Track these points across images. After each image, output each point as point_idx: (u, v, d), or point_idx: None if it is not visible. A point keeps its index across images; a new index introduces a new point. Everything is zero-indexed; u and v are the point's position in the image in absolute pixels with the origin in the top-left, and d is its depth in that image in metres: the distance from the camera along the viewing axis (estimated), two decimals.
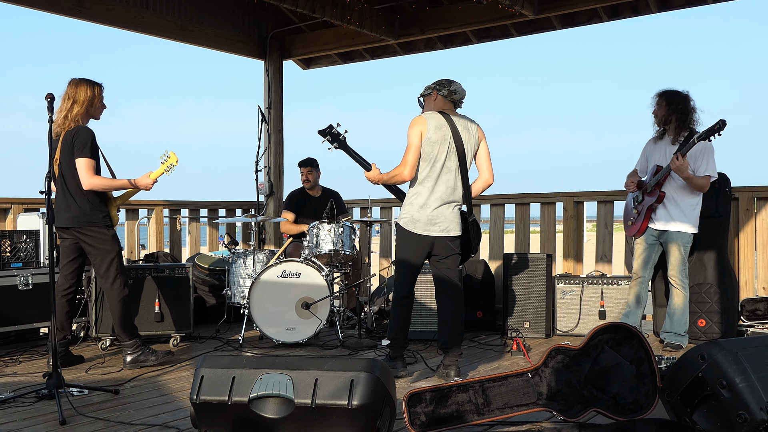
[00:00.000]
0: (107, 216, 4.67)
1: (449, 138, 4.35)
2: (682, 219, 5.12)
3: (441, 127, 4.35)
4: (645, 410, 3.29)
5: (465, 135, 4.41)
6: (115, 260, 4.66)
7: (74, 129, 4.54)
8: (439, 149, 4.34)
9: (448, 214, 4.40)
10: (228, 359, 3.04)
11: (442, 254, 4.45)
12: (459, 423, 3.26)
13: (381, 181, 4.53)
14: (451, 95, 4.46)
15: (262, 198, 7.89)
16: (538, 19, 6.93)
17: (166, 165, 4.80)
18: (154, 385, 4.34)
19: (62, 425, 3.48)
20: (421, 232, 4.38)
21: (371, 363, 2.93)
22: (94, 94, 4.65)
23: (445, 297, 4.49)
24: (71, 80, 4.64)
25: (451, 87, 4.46)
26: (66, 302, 4.74)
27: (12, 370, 4.73)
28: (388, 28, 7.45)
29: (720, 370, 2.87)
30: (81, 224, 4.58)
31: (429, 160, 4.35)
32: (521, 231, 6.82)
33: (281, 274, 5.47)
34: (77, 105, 4.58)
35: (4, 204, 6.06)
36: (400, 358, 4.50)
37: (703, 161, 5.05)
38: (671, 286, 5.21)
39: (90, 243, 4.62)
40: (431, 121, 4.36)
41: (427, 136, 4.33)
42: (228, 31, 7.68)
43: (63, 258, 4.75)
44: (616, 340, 3.42)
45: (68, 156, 4.54)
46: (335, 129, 4.72)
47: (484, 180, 4.54)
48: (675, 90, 5.21)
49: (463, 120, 4.46)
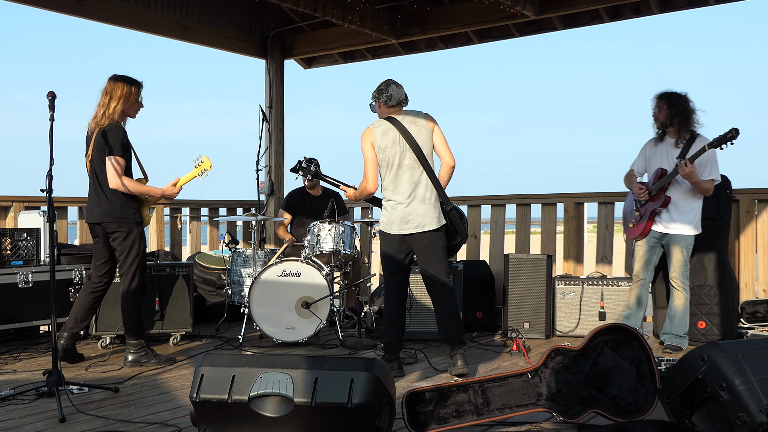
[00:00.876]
0: (138, 212, 4.70)
1: (398, 138, 4.47)
2: (684, 221, 5.12)
3: (387, 132, 4.48)
4: (644, 411, 3.29)
5: (414, 129, 4.49)
6: (138, 259, 4.69)
7: (106, 126, 4.58)
8: (392, 152, 4.47)
9: (420, 210, 4.47)
10: (228, 358, 3.04)
11: (422, 251, 4.52)
12: (458, 423, 3.26)
13: (356, 198, 4.77)
14: (388, 101, 4.57)
15: (263, 197, 7.89)
16: (539, 20, 6.93)
17: (199, 169, 4.83)
18: (154, 383, 4.34)
19: (62, 423, 3.49)
20: (396, 231, 4.50)
21: (371, 362, 2.93)
22: (131, 91, 4.68)
23: (435, 295, 4.57)
24: (111, 76, 4.70)
25: (387, 92, 4.56)
26: (93, 298, 4.80)
27: (12, 368, 4.74)
28: (390, 27, 7.46)
29: (720, 372, 2.87)
30: (111, 219, 4.62)
31: (387, 165, 4.49)
32: (522, 232, 6.82)
33: (281, 273, 5.48)
34: (114, 101, 4.62)
35: (5, 202, 6.07)
36: (395, 360, 4.55)
37: (708, 167, 5.05)
38: (672, 288, 5.21)
39: (117, 238, 4.65)
40: (377, 130, 4.51)
41: (377, 145, 4.48)
42: (229, 30, 7.68)
43: (96, 259, 4.81)
44: (615, 341, 3.43)
45: (100, 153, 4.58)
46: (304, 164, 5.16)
47: (446, 164, 4.59)
48: (675, 92, 5.20)
49: (409, 116, 4.55)
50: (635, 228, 5.31)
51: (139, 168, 4.81)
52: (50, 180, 3.93)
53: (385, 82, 4.60)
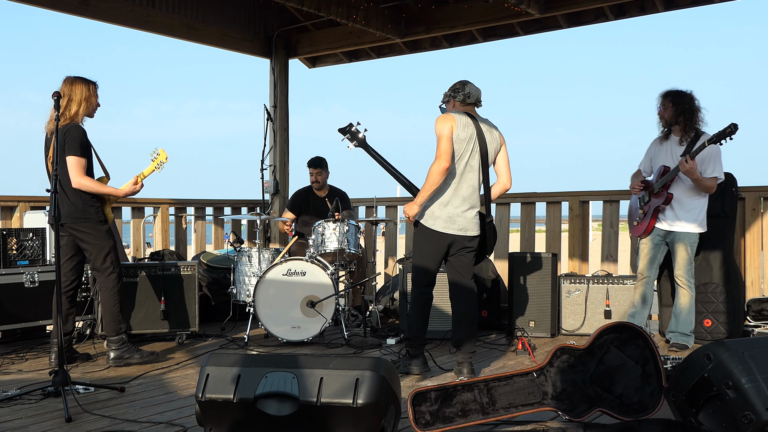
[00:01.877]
0: (100, 211, 4.68)
1: (475, 137, 4.37)
2: (688, 219, 5.11)
3: (468, 126, 4.37)
4: (650, 410, 3.29)
5: (488, 136, 4.43)
6: (110, 254, 4.67)
7: (65, 126, 4.54)
8: (465, 147, 4.35)
9: (468, 215, 4.40)
10: (233, 357, 3.05)
11: (458, 252, 4.45)
12: (464, 422, 3.26)
13: (422, 201, 4.39)
14: (466, 99, 4.47)
15: (268, 196, 7.90)
16: (543, 18, 6.91)
17: (156, 162, 4.81)
18: (159, 383, 4.35)
19: (68, 422, 3.49)
20: (440, 229, 4.39)
21: (376, 362, 2.93)
22: (90, 92, 4.66)
23: (459, 297, 4.49)
24: (66, 78, 4.65)
25: (465, 90, 4.47)
26: (67, 299, 4.73)
27: (18, 368, 4.75)
28: (394, 26, 7.45)
29: (726, 370, 2.86)
30: (74, 220, 4.60)
31: (455, 158, 4.35)
32: (527, 230, 6.82)
33: (286, 272, 5.48)
34: (74, 103, 4.59)
35: (11, 202, 6.08)
36: (420, 356, 4.50)
37: (710, 163, 5.03)
38: (677, 286, 5.20)
39: (84, 239, 4.64)
40: (459, 119, 4.36)
41: (456, 133, 4.31)
42: (234, 29, 7.69)
43: (62, 256, 4.74)
44: (621, 339, 3.42)
45: (60, 154, 4.55)
46: (355, 127, 4.77)
47: (502, 184, 4.56)
48: (680, 90, 5.19)
49: (486, 123, 4.49)
50: (639, 226, 5.30)
51: (101, 167, 4.79)
52: (56, 179, 3.94)
53: (461, 82, 4.50)
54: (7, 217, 6.08)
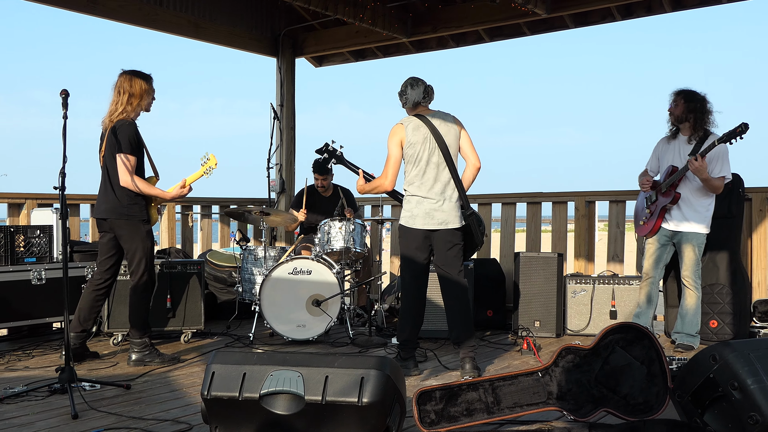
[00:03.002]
0: (145, 210, 4.68)
1: (428, 135, 4.46)
2: (696, 219, 5.09)
3: (418, 128, 4.48)
4: (655, 411, 3.28)
5: (443, 128, 4.50)
6: (146, 257, 4.67)
7: (118, 123, 4.58)
8: (421, 148, 4.45)
9: (446, 207, 4.46)
10: (239, 355, 3.05)
11: (442, 248, 4.49)
12: (469, 421, 3.26)
13: (364, 191, 4.75)
14: (406, 104, 4.58)
15: (274, 195, 7.91)
16: (550, 18, 6.90)
17: (206, 167, 4.83)
18: (165, 380, 4.36)
19: (74, 419, 3.51)
20: (420, 226, 4.46)
21: (381, 361, 2.94)
22: (149, 86, 4.70)
23: (449, 295, 4.53)
24: (124, 73, 4.68)
25: (405, 95, 4.57)
26: (96, 296, 4.76)
27: (25, 365, 4.77)
28: (401, 26, 7.45)
29: (732, 371, 2.86)
30: (117, 216, 4.61)
31: (414, 161, 4.47)
32: (532, 230, 6.81)
33: (292, 271, 5.49)
34: (135, 98, 4.63)
35: (18, 199, 6.11)
36: (411, 358, 4.53)
37: (718, 163, 5.02)
38: (684, 287, 5.19)
39: (123, 236, 4.65)
40: (408, 125, 4.50)
41: (408, 140, 4.47)
42: (241, 28, 7.70)
43: (101, 254, 4.79)
44: (626, 340, 3.42)
45: (111, 150, 4.59)
46: (330, 146, 5.11)
47: (472, 165, 4.61)
48: (693, 90, 5.18)
49: (438, 116, 4.56)
50: (645, 225, 5.29)
51: (151, 167, 4.81)
52: (63, 177, 3.95)
53: (403, 84, 4.59)
54: (14, 214, 6.10)
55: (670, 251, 5.29)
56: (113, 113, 4.62)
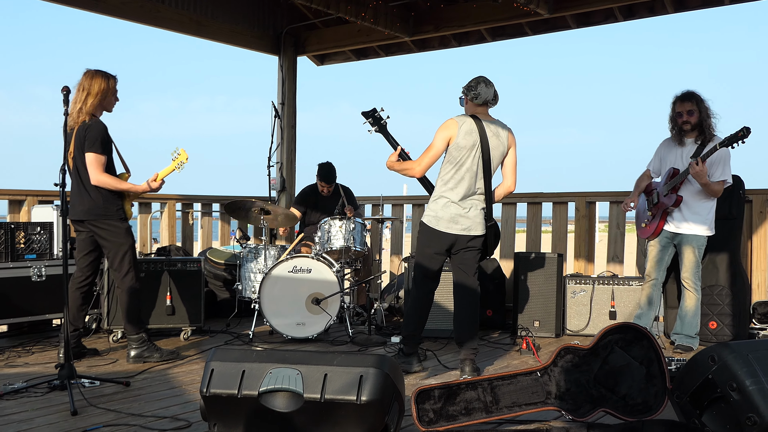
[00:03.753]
0: (121, 209, 4.68)
1: (477, 144, 4.38)
2: (697, 221, 5.09)
3: (471, 133, 4.38)
4: (654, 411, 3.28)
5: (494, 141, 4.42)
6: (128, 253, 4.67)
7: (87, 123, 4.56)
8: (466, 154, 4.38)
9: (472, 215, 4.43)
10: (238, 353, 3.06)
11: (460, 251, 4.47)
12: (467, 420, 3.26)
13: (392, 168, 4.62)
14: (475, 99, 4.46)
15: (274, 193, 7.91)
16: (553, 18, 6.91)
17: (177, 162, 4.81)
18: (164, 377, 4.37)
19: (74, 416, 3.51)
20: (443, 229, 4.42)
21: (380, 359, 2.94)
22: (108, 86, 4.65)
23: (461, 296, 4.51)
24: (86, 71, 4.66)
25: (476, 90, 4.45)
26: (80, 295, 4.75)
27: (24, 361, 4.78)
28: (403, 25, 7.45)
29: (730, 372, 2.86)
30: (95, 217, 4.60)
31: (456, 163, 4.39)
32: (533, 230, 6.82)
33: (292, 269, 5.49)
34: (91, 97, 4.59)
35: (19, 196, 6.11)
36: (414, 354, 4.53)
37: (719, 167, 5.01)
38: (684, 288, 5.19)
39: (103, 236, 4.64)
40: (463, 126, 4.38)
41: (456, 141, 4.36)
42: (242, 26, 7.70)
43: (79, 251, 4.77)
44: (626, 340, 3.42)
45: (81, 150, 4.56)
46: (378, 113, 4.80)
47: (506, 186, 4.57)
48: (701, 95, 5.16)
49: (495, 125, 4.47)
50: (648, 227, 5.29)
51: (122, 163, 4.80)
52: (64, 174, 3.95)
53: (475, 79, 4.48)
54: (15, 211, 6.11)
55: (672, 253, 5.29)
56: (73, 112, 4.57)
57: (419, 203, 7.32)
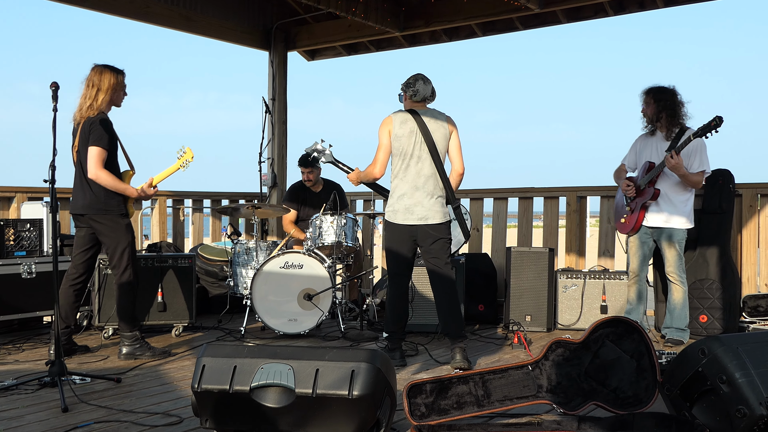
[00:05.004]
0: (122, 204, 4.66)
1: (416, 130, 4.51)
2: (676, 215, 5.12)
3: (406, 122, 4.53)
4: (644, 404, 3.30)
5: (432, 125, 4.55)
6: (127, 250, 4.65)
7: (93, 117, 4.54)
8: (406, 142, 4.50)
9: (426, 203, 4.51)
10: (230, 349, 3.05)
11: (426, 243, 4.55)
12: (459, 414, 3.27)
13: (359, 180, 4.81)
14: (413, 96, 4.59)
15: (266, 189, 7.89)
16: (543, 13, 6.90)
17: (182, 161, 4.80)
18: (156, 373, 4.36)
19: (64, 413, 3.50)
20: (401, 221, 4.53)
21: (372, 354, 2.94)
22: (117, 81, 4.66)
23: (437, 288, 4.60)
24: (95, 67, 4.64)
25: (414, 87, 4.59)
26: (73, 292, 4.72)
27: (15, 358, 4.76)
28: (393, 20, 7.44)
29: (720, 365, 2.87)
30: (95, 211, 4.59)
31: (399, 154, 4.52)
32: (524, 225, 6.83)
33: (284, 265, 5.49)
34: (102, 92, 4.58)
35: (8, 192, 6.08)
36: (397, 350, 4.58)
37: (696, 158, 5.05)
38: (669, 283, 5.22)
39: (103, 231, 4.62)
40: (396, 118, 4.56)
41: (394, 133, 4.52)
42: (232, 21, 7.67)
43: (77, 247, 4.75)
44: (616, 334, 3.43)
45: (85, 144, 4.55)
46: (320, 145, 5.23)
47: (455, 170, 4.66)
48: (662, 86, 5.20)
49: (431, 112, 4.61)
50: (627, 222, 5.30)
51: (127, 161, 4.78)
52: (53, 171, 3.93)
53: (413, 77, 4.62)
54: (4, 208, 6.08)
55: (653, 247, 5.31)
56: (83, 107, 4.57)
57: None
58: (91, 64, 4.66)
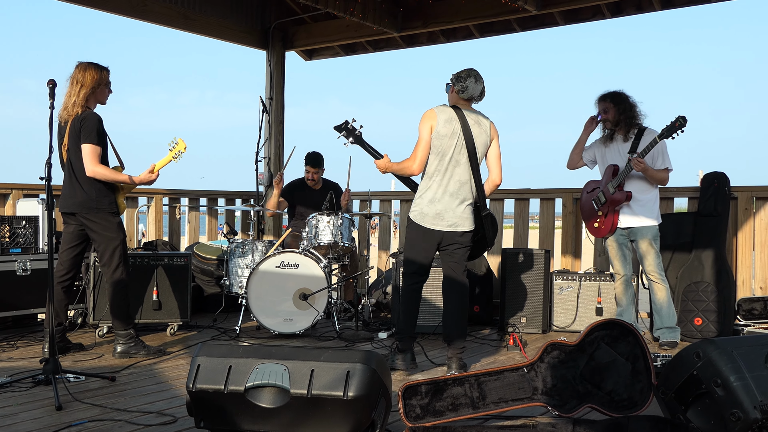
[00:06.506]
0: (114, 203, 4.64)
1: (459, 132, 4.33)
2: (646, 213, 5.21)
3: (450, 121, 4.34)
4: (639, 407, 3.30)
5: (476, 129, 4.38)
6: (119, 248, 4.64)
7: (82, 114, 4.52)
8: (448, 143, 4.33)
9: (458, 210, 4.38)
10: (225, 348, 3.05)
11: (450, 247, 4.44)
12: (454, 416, 3.27)
13: (390, 170, 4.55)
14: (461, 92, 4.43)
15: (262, 188, 7.89)
16: (541, 15, 6.91)
17: (174, 152, 4.78)
18: (150, 372, 4.35)
19: (58, 411, 3.49)
20: (429, 225, 4.39)
21: (368, 355, 2.94)
22: (101, 78, 4.63)
23: (450, 292, 4.49)
24: (78, 63, 4.62)
25: (465, 82, 4.40)
26: (62, 290, 4.70)
27: (9, 356, 4.74)
28: (391, 20, 7.44)
29: (715, 368, 2.88)
30: (87, 210, 4.57)
31: (438, 153, 4.34)
32: (520, 226, 6.83)
33: (279, 264, 5.48)
34: (85, 88, 4.56)
35: (4, 189, 6.07)
36: (409, 351, 4.48)
37: (659, 158, 5.17)
38: (651, 282, 5.25)
39: (95, 229, 4.60)
40: (441, 114, 4.35)
41: (436, 130, 4.32)
42: (231, 20, 7.67)
43: (64, 244, 4.73)
44: (612, 336, 3.44)
45: (75, 142, 4.53)
46: (351, 124, 4.78)
47: (492, 180, 4.52)
48: (615, 91, 5.31)
49: (476, 115, 4.44)
50: (602, 227, 5.34)
51: (116, 156, 4.77)
52: (49, 168, 3.92)
53: (466, 71, 4.43)
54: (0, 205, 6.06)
55: (631, 246, 5.37)
56: (68, 105, 4.55)
57: (407, 198, 7.31)
58: (74, 62, 4.65)
